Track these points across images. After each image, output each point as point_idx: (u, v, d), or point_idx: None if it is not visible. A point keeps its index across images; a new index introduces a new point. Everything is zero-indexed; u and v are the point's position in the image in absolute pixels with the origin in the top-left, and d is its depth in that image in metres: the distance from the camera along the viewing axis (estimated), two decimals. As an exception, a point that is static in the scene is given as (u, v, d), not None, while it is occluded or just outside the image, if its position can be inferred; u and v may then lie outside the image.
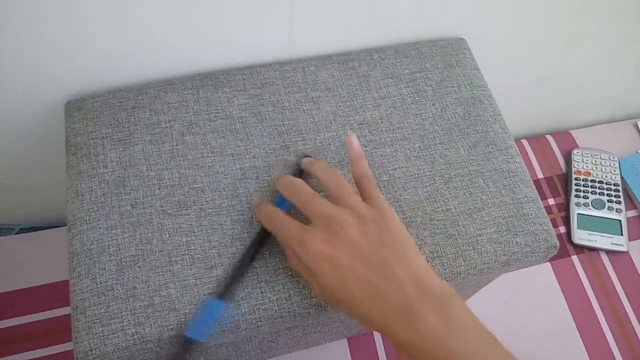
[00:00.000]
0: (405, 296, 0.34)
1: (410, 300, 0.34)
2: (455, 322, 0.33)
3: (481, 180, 0.47)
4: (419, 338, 0.33)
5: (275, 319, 0.41)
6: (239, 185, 0.45)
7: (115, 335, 0.38)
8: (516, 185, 0.47)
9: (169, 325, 0.39)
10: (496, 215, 0.46)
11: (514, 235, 0.45)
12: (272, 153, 0.47)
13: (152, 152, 0.46)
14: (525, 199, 0.47)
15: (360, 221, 0.37)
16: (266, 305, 0.40)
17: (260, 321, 0.40)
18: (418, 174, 0.47)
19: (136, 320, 0.39)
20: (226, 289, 0.39)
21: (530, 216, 0.46)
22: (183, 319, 0.39)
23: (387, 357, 0.63)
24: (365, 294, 0.34)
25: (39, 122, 0.52)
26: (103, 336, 0.38)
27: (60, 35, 0.44)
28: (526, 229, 0.46)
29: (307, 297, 0.41)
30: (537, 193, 0.48)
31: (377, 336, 0.64)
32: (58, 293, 0.63)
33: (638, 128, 0.83)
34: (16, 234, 0.67)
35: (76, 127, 0.47)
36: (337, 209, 0.37)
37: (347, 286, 0.35)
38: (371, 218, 0.37)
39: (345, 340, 0.63)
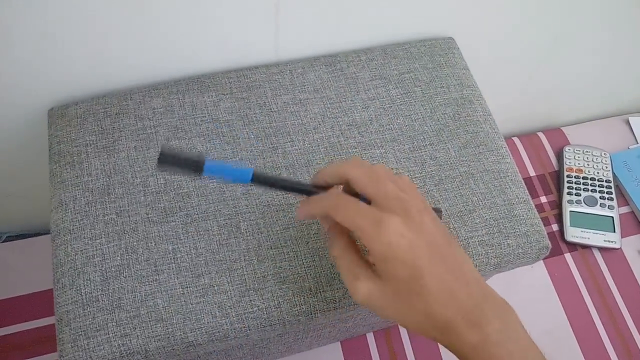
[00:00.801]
0: (474, 298, 0.32)
1: (479, 303, 0.32)
2: (513, 328, 0.33)
3: (472, 182, 0.47)
4: (486, 341, 0.32)
5: (264, 327, 0.40)
6: (225, 189, 0.44)
7: (101, 347, 0.38)
8: (507, 186, 0.47)
9: (156, 336, 0.38)
10: (487, 217, 0.45)
11: (505, 237, 0.45)
12: (259, 155, 0.46)
13: (137, 158, 0.45)
14: (517, 199, 0.46)
15: (431, 212, 0.34)
16: (255, 314, 0.40)
17: (249, 329, 0.40)
18: (408, 175, 0.47)
19: (122, 332, 0.38)
20: (265, 176, 0.35)
21: (521, 217, 0.46)
22: (170, 329, 0.39)
23: (380, 359, 0.62)
24: (439, 291, 0.32)
25: (21, 129, 0.51)
26: (88, 349, 0.37)
27: (42, 40, 0.43)
28: (518, 230, 0.45)
29: (296, 305, 0.40)
30: (528, 194, 0.47)
31: (371, 339, 0.63)
32: (47, 301, 0.62)
33: (629, 124, 0.83)
34: (3, 242, 0.66)
35: (59, 134, 0.46)
36: (406, 195, 0.34)
37: (422, 279, 0.32)
38: (434, 213, 0.35)
39: (339, 343, 0.63)
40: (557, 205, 0.75)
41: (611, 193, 0.75)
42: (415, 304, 0.32)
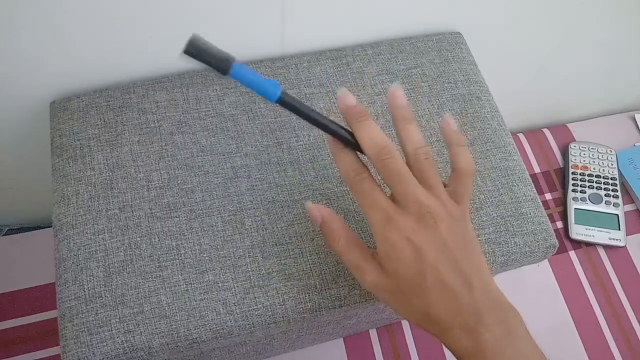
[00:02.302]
0: (477, 304, 0.33)
1: (481, 309, 0.33)
2: (514, 334, 0.33)
3: (479, 179, 0.46)
4: (482, 347, 0.32)
5: (269, 324, 0.40)
6: (229, 185, 0.44)
7: (104, 343, 0.37)
8: (514, 184, 0.46)
9: (160, 333, 0.38)
10: (494, 215, 0.45)
11: (512, 235, 0.44)
12: (264, 151, 0.46)
13: (141, 152, 0.44)
14: (524, 197, 0.46)
15: (450, 218, 0.34)
16: (259, 311, 0.39)
17: (254, 327, 0.39)
18: (414, 172, 0.46)
19: (125, 328, 0.38)
20: (293, 98, 0.34)
21: (529, 215, 0.45)
22: (174, 326, 0.38)
23: (383, 356, 0.62)
24: (439, 295, 0.33)
25: (22, 122, 0.51)
26: (91, 345, 0.37)
27: (44, 32, 0.42)
28: (525, 228, 0.45)
29: (301, 302, 0.40)
30: (535, 192, 0.47)
31: (374, 335, 0.63)
32: (48, 295, 0.61)
33: (635, 121, 0.83)
34: (4, 235, 0.66)
35: (62, 127, 0.45)
36: (430, 198, 0.34)
37: (424, 282, 0.33)
38: (458, 216, 0.35)
39: (341, 339, 0.62)
40: (562, 203, 0.75)
41: (616, 190, 0.74)
42: (414, 302, 0.33)
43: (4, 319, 0.60)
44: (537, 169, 0.78)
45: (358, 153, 0.36)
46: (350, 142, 0.35)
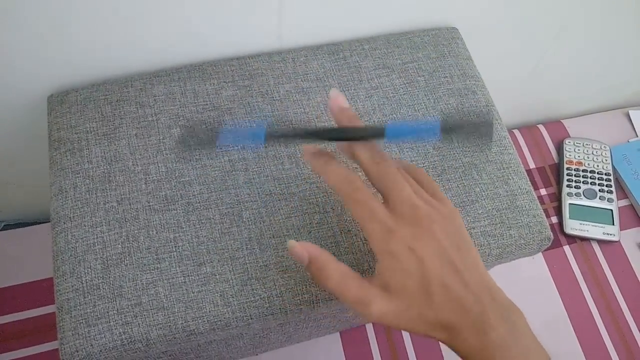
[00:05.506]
0: (480, 304, 0.33)
1: (485, 309, 0.33)
2: (518, 331, 0.33)
3: (475, 172, 0.47)
4: (488, 346, 0.32)
5: (266, 316, 0.40)
6: (227, 178, 0.44)
7: (102, 335, 0.37)
8: (510, 177, 0.47)
9: (158, 324, 0.38)
10: (490, 208, 0.45)
11: (507, 227, 0.45)
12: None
13: (138, 146, 0.45)
14: (519, 190, 0.46)
15: (443, 218, 0.34)
16: (257, 303, 0.40)
17: (251, 318, 0.40)
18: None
19: (123, 320, 0.38)
20: (277, 130, 0.35)
21: (524, 208, 0.46)
22: (172, 318, 0.38)
23: (379, 350, 0.62)
24: (445, 299, 0.32)
25: (20, 116, 0.51)
26: (89, 337, 0.37)
27: (42, 25, 0.43)
28: (520, 221, 0.45)
29: (298, 294, 0.40)
30: (530, 185, 0.47)
31: (370, 329, 0.63)
32: (44, 290, 0.61)
33: (629, 117, 0.83)
34: (0, 230, 0.66)
35: (59, 121, 0.45)
36: (421, 201, 0.34)
37: (430, 289, 0.32)
38: (448, 214, 0.35)
39: (338, 334, 0.63)
40: (557, 198, 0.75)
41: (610, 186, 0.75)
42: (424, 313, 0.33)
43: (1, 314, 0.60)
44: (532, 165, 0.78)
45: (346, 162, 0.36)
46: (344, 137, 0.35)
